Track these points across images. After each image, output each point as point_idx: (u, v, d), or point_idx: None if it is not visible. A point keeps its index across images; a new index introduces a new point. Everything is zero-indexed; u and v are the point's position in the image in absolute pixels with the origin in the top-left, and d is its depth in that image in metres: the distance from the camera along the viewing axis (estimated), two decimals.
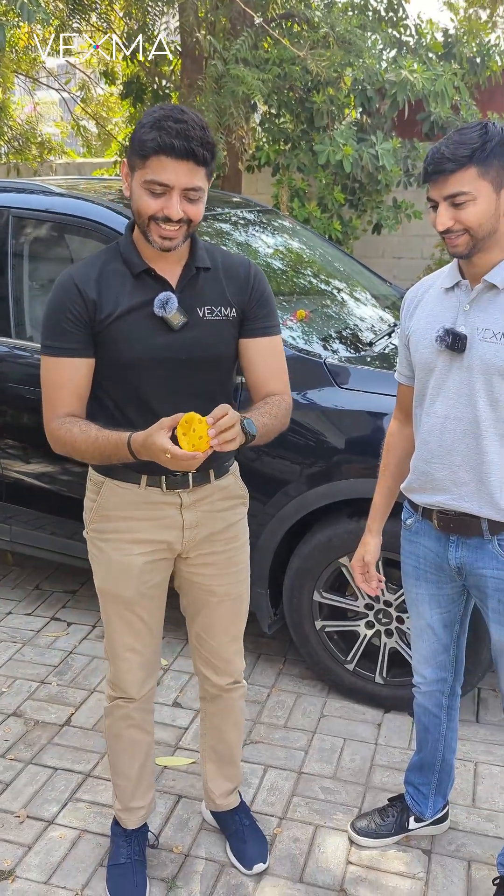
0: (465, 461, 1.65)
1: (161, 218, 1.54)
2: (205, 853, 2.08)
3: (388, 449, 1.94)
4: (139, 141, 1.51)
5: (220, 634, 1.91)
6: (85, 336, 1.63)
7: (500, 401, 1.59)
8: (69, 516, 2.98)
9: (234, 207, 3.51)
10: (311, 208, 5.77)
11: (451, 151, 1.49)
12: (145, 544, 1.76)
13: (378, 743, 2.50)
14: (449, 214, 1.53)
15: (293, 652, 2.94)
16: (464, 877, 2.01)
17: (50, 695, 2.74)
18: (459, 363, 1.63)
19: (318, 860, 2.06)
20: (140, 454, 1.53)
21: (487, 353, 1.58)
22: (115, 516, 1.76)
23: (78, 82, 9.39)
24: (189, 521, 1.77)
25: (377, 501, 1.96)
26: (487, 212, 1.52)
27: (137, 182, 1.55)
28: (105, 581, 1.82)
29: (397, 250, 7.13)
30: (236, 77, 5.17)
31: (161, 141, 1.48)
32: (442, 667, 1.94)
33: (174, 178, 1.51)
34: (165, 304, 1.60)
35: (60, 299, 1.63)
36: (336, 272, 3.60)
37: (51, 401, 1.67)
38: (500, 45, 6.34)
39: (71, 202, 2.89)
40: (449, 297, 1.68)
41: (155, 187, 1.52)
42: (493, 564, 1.69)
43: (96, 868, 2.03)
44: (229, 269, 1.73)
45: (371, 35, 6.10)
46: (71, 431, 1.62)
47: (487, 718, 2.62)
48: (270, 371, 1.76)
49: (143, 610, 1.82)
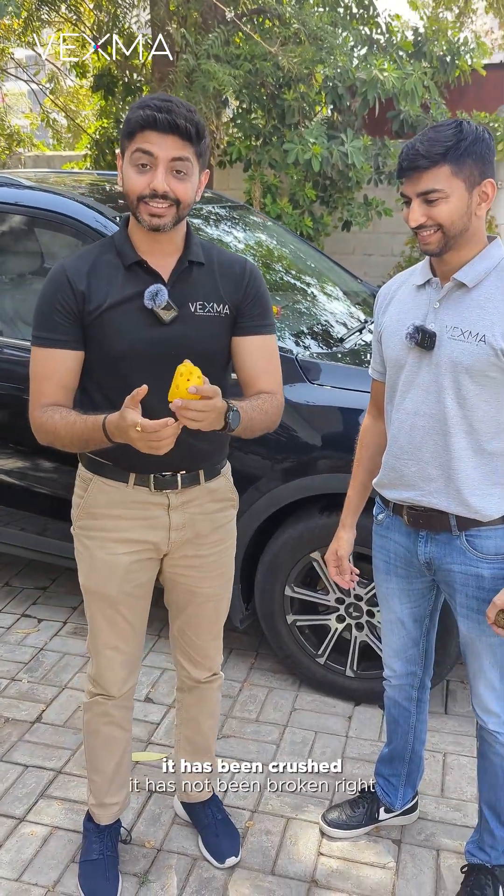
0: (434, 458, 1.67)
1: (149, 195, 1.54)
2: (177, 847, 2.09)
3: (362, 444, 1.96)
4: (126, 122, 1.55)
5: (203, 633, 1.92)
6: (74, 328, 1.63)
7: (467, 398, 1.61)
8: (39, 512, 2.96)
9: (205, 203, 3.51)
10: (283, 204, 5.79)
11: (426, 148, 1.50)
12: (131, 544, 1.76)
13: (349, 735, 2.52)
14: (422, 211, 1.55)
15: (265, 646, 2.96)
16: (433, 865, 2.05)
17: (20, 692, 2.72)
18: (429, 360, 1.65)
19: (290, 852, 2.08)
20: (114, 435, 1.52)
21: (455, 350, 1.60)
22: (101, 514, 1.75)
23: (47, 74, 9.29)
24: (176, 522, 1.76)
25: (351, 496, 1.98)
26: (460, 209, 1.54)
27: (126, 162, 1.57)
28: (89, 579, 1.80)
29: (367, 247, 7.17)
30: (207, 72, 5.16)
31: (145, 114, 1.50)
32: (412, 660, 1.97)
33: (158, 150, 1.52)
34: (155, 297, 1.59)
35: (51, 290, 1.63)
36: (308, 268, 3.61)
37: (36, 391, 1.66)
38: (470, 44, 6.40)
39: (41, 195, 2.86)
40: (420, 294, 1.70)
41: (141, 157, 1.53)
42: (461, 560, 1.71)
43: (68, 864, 2.03)
44: (224, 266, 1.72)
45: (342, 32, 6.12)
46: (52, 418, 1.61)
47: (455, 710, 2.66)
48: (262, 369, 1.73)
49: (126, 609, 1.81)
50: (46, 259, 3.17)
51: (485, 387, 1.60)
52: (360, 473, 1.96)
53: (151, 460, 1.66)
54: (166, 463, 1.69)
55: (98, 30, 6.87)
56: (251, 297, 1.72)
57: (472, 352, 1.58)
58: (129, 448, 1.57)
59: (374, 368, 1.89)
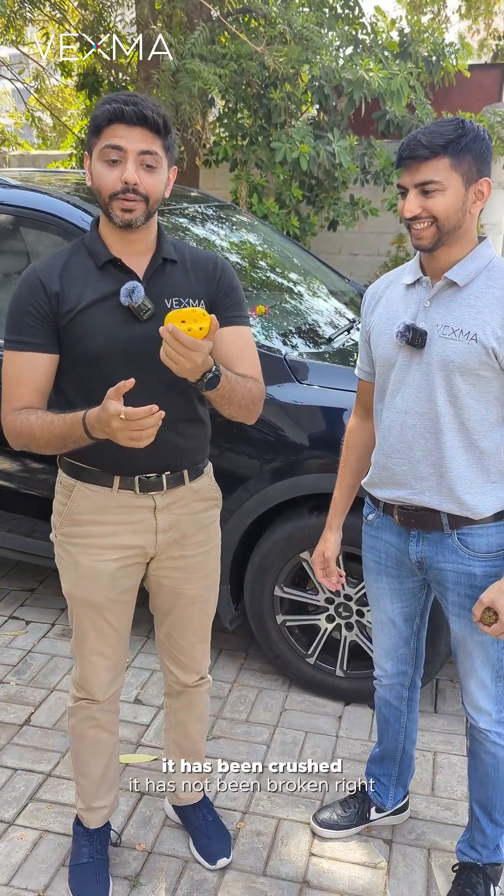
0: (426, 456, 1.68)
1: (120, 189, 1.54)
2: (168, 850, 2.08)
3: (348, 445, 1.95)
4: (92, 118, 1.55)
5: (189, 635, 1.91)
6: (47, 331, 1.61)
7: (458, 396, 1.62)
8: (27, 513, 2.94)
9: (191, 202, 3.50)
10: (270, 204, 5.78)
11: (428, 139, 1.51)
12: (118, 549, 1.74)
13: (339, 735, 2.52)
14: (418, 202, 1.55)
15: (254, 647, 2.95)
16: (424, 865, 2.05)
17: (9, 694, 2.70)
18: (419, 359, 1.65)
19: (282, 853, 2.07)
20: (93, 430, 1.50)
21: (446, 349, 1.60)
22: (86, 520, 1.73)
23: (32, 72, 9.23)
24: (162, 524, 1.75)
25: (337, 497, 1.98)
26: (455, 204, 1.54)
27: (95, 159, 1.56)
28: (74, 587, 1.78)
29: (354, 247, 7.18)
30: (192, 71, 5.15)
31: (112, 108, 1.51)
32: (403, 660, 1.97)
33: (126, 142, 1.52)
34: (132, 293, 1.57)
35: (23, 293, 1.61)
36: (295, 268, 3.61)
37: (9, 395, 1.64)
38: (455, 45, 6.42)
39: (26, 194, 2.84)
40: (410, 293, 1.70)
41: (110, 152, 1.52)
42: (453, 558, 1.71)
43: (58, 868, 2.01)
44: (196, 263, 1.73)
45: (328, 32, 6.12)
46: (27, 419, 1.59)
47: (445, 709, 2.66)
48: (238, 355, 1.71)
49: (113, 615, 1.80)
50: (32, 259, 3.14)
51: (476, 385, 1.60)
52: (346, 474, 1.96)
53: (136, 462, 1.67)
54: (151, 464, 1.69)
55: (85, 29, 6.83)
56: (224, 290, 1.73)
57: (463, 350, 1.58)
58: (112, 450, 1.55)
59: (361, 368, 1.88)
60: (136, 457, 1.65)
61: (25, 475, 2.90)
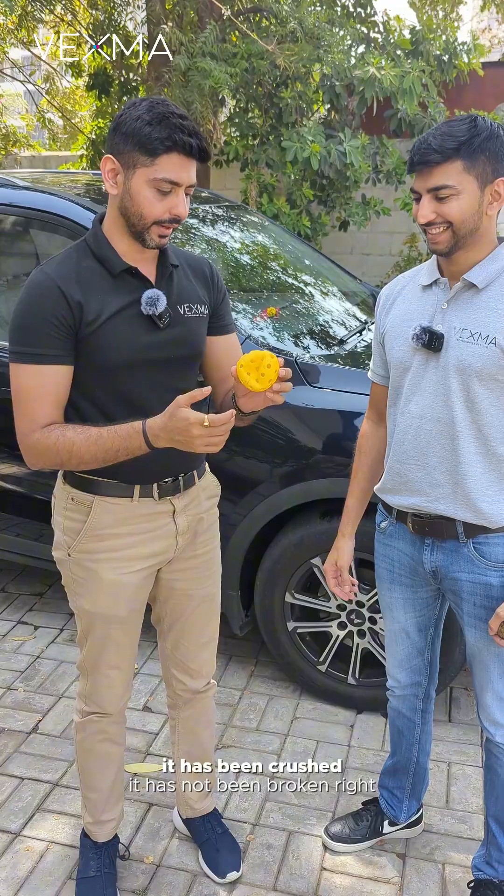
0: (441, 462, 1.63)
1: (167, 220, 1.50)
2: (176, 863, 2.04)
3: (361, 450, 1.90)
4: (146, 138, 1.44)
5: (197, 637, 1.88)
6: (68, 342, 1.52)
7: (476, 402, 1.57)
8: (35, 518, 2.91)
9: (202, 202, 3.46)
10: (280, 204, 5.74)
11: (439, 143, 1.46)
12: (142, 559, 1.71)
13: (351, 745, 2.48)
14: (432, 207, 1.50)
15: (265, 653, 2.91)
16: (438, 880, 2.00)
17: (16, 701, 2.67)
18: (436, 362, 1.60)
19: (292, 867, 2.03)
20: (158, 439, 1.45)
21: (464, 353, 1.55)
22: (108, 535, 1.67)
23: (43, 74, 9.23)
24: (181, 526, 1.73)
25: (350, 504, 1.93)
26: (471, 207, 1.49)
27: (141, 181, 1.47)
28: (96, 604, 1.72)
29: (365, 247, 7.13)
30: (203, 70, 5.12)
31: (177, 139, 1.43)
32: (416, 670, 1.92)
33: (185, 176, 1.48)
34: (157, 303, 1.54)
35: (41, 302, 1.50)
36: (306, 268, 3.56)
37: (30, 412, 1.53)
38: (468, 43, 6.36)
39: (37, 196, 2.81)
40: (426, 294, 1.65)
41: (165, 185, 1.47)
42: (469, 568, 1.66)
43: (65, 882, 1.97)
44: (194, 268, 1.72)
45: (339, 31, 6.08)
46: (65, 436, 1.50)
47: (460, 718, 2.61)
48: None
49: (132, 627, 1.77)
50: (42, 260, 3.12)
51: (493, 391, 1.55)
52: (359, 480, 1.91)
53: (153, 469, 1.66)
54: (167, 469, 1.68)
55: (94, 29, 6.82)
56: (221, 295, 1.74)
57: (481, 354, 1.53)
58: (131, 461, 1.53)
59: (374, 371, 1.84)
60: (153, 463, 1.63)
61: (33, 479, 2.87)
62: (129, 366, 1.56)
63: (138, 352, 1.56)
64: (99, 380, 1.57)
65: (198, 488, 1.77)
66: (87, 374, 1.57)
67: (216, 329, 1.73)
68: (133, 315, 1.56)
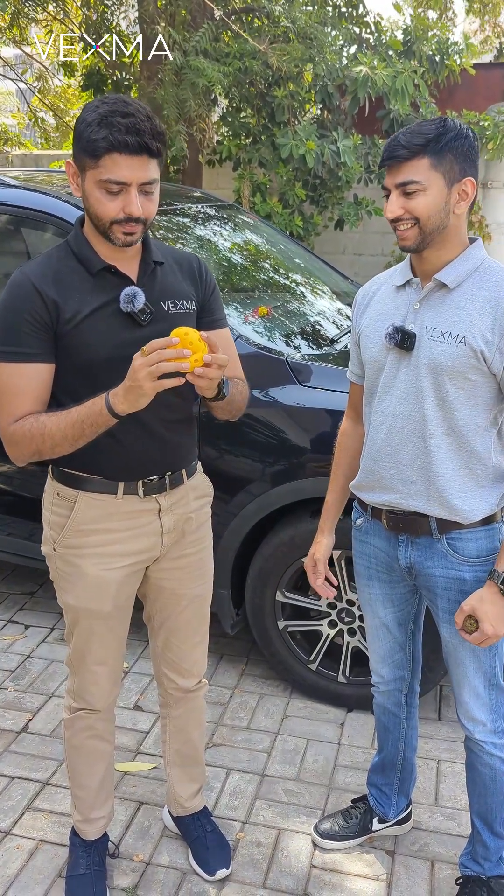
0: (413, 460, 1.64)
1: (122, 219, 1.49)
2: (166, 861, 2.04)
3: (341, 448, 1.92)
4: (88, 140, 1.44)
5: (189, 637, 1.88)
6: (46, 340, 1.54)
7: (447, 400, 1.58)
8: (26, 517, 2.91)
9: (194, 202, 3.46)
10: (273, 204, 5.75)
11: (407, 140, 1.49)
12: (126, 556, 1.71)
13: (341, 743, 2.48)
14: (399, 203, 1.52)
15: (255, 652, 2.92)
16: (427, 877, 2.01)
17: (6, 700, 2.67)
18: (408, 361, 1.61)
19: (282, 864, 2.04)
20: (117, 397, 1.45)
21: (435, 352, 1.57)
22: (91, 530, 1.68)
23: (35, 73, 9.21)
24: (167, 525, 1.73)
25: (329, 500, 1.95)
26: (437, 204, 1.51)
27: (91, 182, 1.48)
28: (80, 598, 1.73)
29: (358, 247, 7.14)
30: (196, 68, 5.11)
31: (113, 139, 1.42)
32: (399, 665, 1.93)
33: (130, 175, 1.46)
34: (134, 299, 1.54)
35: (17, 301, 1.53)
36: (298, 268, 3.57)
37: (9, 408, 1.56)
38: (460, 43, 6.38)
39: (27, 194, 2.81)
40: (400, 294, 1.67)
41: (112, 186, 1.47)
42: (443, 563, 1.68)
43: (55, 879, 1.98)
44: (181, 263, 1.72)
45: (331, 31, 6.09)
46: (38, 420, 1.53)
47: (449, 716, 2.62)
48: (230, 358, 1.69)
49: (118, 623, 1.77)
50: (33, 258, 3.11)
51: (464, 389, 1.57)
52: (339, 477, 1.93)
53: (138, 466, 1.66)
54: (153, 466, 1.68)
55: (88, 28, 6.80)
56: (210, 291, 1.74)
57: (451, 353, 1.55)
58: (113, 456, 1.57)
59: (353, 371, 1.86)
60: (138, 460, 1.65)
61: (23, 478, 2.87)
62: (110, 363, 1.56)
63: (118, 349, 1.56)
64: (81, 378, 1.58)
65: (186, 487, 1.76)
66: (69, 372, 1.58)
67: (206, 324, 1.73)
68: (112, 313, 1.57)
